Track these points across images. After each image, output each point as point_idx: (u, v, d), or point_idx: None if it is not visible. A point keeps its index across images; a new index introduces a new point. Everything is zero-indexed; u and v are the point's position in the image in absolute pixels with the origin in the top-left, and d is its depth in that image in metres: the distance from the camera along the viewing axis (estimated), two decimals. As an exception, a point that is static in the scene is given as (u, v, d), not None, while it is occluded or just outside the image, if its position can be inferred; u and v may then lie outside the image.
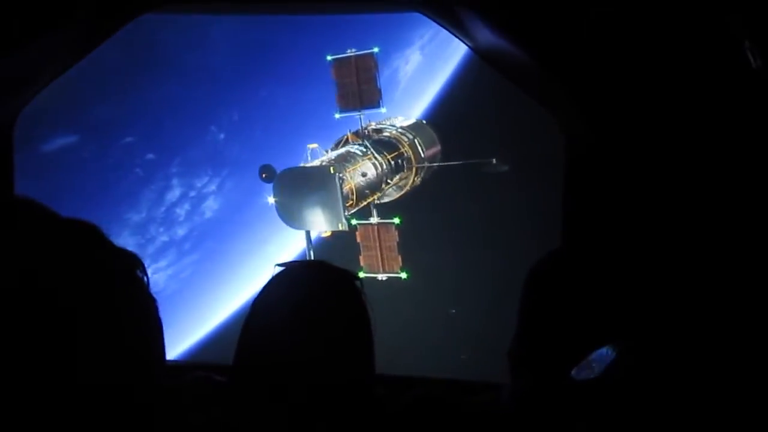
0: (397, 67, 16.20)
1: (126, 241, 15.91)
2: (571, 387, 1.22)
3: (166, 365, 0.75)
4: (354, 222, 12.35)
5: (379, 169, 11.31)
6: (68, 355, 0.60)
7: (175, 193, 17.16)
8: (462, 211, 13.20)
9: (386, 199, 12.53)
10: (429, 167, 12.95)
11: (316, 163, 10.20)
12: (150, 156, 16.07)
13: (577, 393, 1.22)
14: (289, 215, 10.33)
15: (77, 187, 14.78)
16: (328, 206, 10.03)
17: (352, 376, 1.20)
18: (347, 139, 11.65)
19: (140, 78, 14.93)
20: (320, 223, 10.32)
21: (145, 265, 0.74)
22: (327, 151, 11.29)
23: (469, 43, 2.03)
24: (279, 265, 1.26)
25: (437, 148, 12.95)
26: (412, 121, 13.07)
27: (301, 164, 10.50)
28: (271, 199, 10.22)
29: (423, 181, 13.27)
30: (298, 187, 10.05)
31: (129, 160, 15.81)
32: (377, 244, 12.14)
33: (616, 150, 1.81)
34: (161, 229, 17.06)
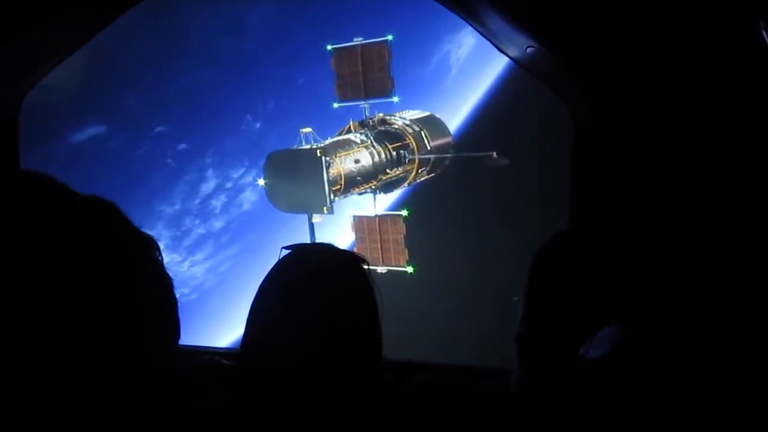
0: (448, 51, 15.64)
1: (160, 233, 15.98)
2: (580, 368, 1.18)
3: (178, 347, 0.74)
4: (351, 213, 12.30)
5: (376, 158, 11.20)
6: (87, 332, 0.60)
7: (210, 185, 16.86)
8: (471, 203, 12.89)
9: (392, 191, 12.41)
10: (439, 162, 12.76)
11: (317, 147, 10.20)
12: (182, 146, 15.74)
13: (588, 373, 1.18)
14: (277, 197, 10.37)
15: (106, 178, 14.49)
16: (313, 189, 10.00)
17: (359, 358, 1.18)
18: (350, 128, 11.60)
19: (170, 66, 14.86)
20: (306, 206, 10.30)
21: (161, 249, 0.74)
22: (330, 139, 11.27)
23: (475, 26, 2.01)
24: (286, 247, 1.25)
25: (446, 142, 12.72)
26: (424, 113, 12.90)
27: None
28: (261, 181, 10.27)
29: (436, 175, 13.08)
30: (286, 170, 10.08)
31: (160, 150, 15.53)
32: (377, 237, 12.01)
33: (626, 132, 1.78)
34: (197, 222, 16.75)
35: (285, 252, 1.26)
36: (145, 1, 2.32)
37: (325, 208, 10.04)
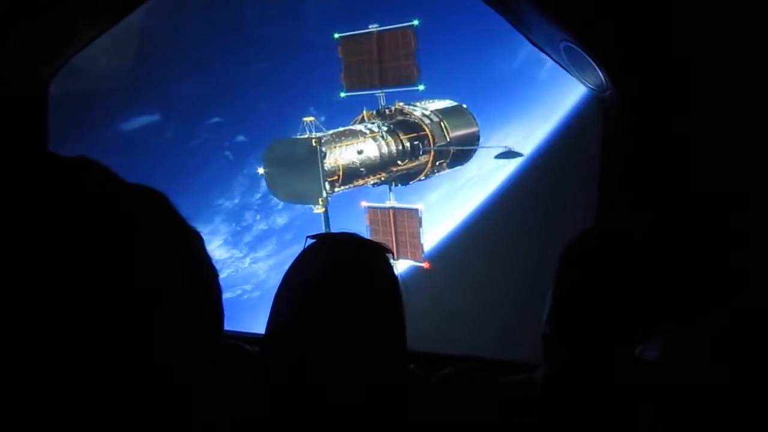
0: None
1: (218, 227, 16.22)
2: (636, 369, 1.22)
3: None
4: (365, 204, 12.20)
5: (385, 149, 11.01)
6: (122, 320, 0.58)
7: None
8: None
9: (409, 183, 12.20)
10: (462, 154, 12.39)
11: (314, 136, 10.18)
12: (241, 138, 15.60)
13: (646, 374, 1.22)
14: (276, 187, 10.46)
15: (159, 169, 14.43)
16: (309, 179, 10.00)
17: (383, 347, 1.18)
18: (363, 117, 11.48)
19: (226, 54, 14.88)
20: (302, 197, 10.31)
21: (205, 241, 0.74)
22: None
23: (510, 20, 2.01)
24: (310, 237, 1.27)
25: (470, 133, 12.31)
26: (449, 103, 12.55)
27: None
28: (261, 170, 10.39)
29: (459, 168, 12.72)
30: (284, 159, 10.14)
31: (217, 142, 15.40)
32: (392, 229, 11.87)
33: (656, 131, 1.76)
34: (258, 217, 16.65)
35: (310, 241, 1.27)
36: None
37: (320, 200, 9.97)
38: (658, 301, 1.28)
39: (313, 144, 9.91)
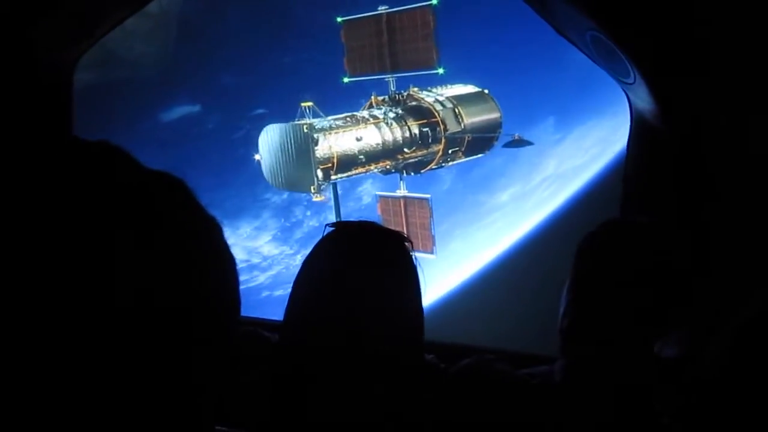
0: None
1: (266, 222, 16.27)
2: (655, 366, 1.24)
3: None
4: (377, 193, 11.86)
5: (389, 136, 10.62)
6: (131, 300, 0.59)
7: (320, 174, 16.96)
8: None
9: (420, 172, 11.76)
10: (483, 143, 11.79)
11: (306, 122, 9.95)
12: None
13: (665, 372, 1.25)
14: (271, 174, 10.31)
15: (201, 161, 14.31)
16: (302, 167, 9.79)
17: (401, 337, 1.18)
18: (371, 103, 11.13)
19: (269, 44, 14.88)
20: (295, 184, 10.11)
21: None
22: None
23: (534, 8, 2.00)
24: (329, 225, 1.26)
25: (490, 120, 11.68)
26: (470, 89, 11.96)
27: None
28: (257, 156, 10.28)
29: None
30: (278, 145, 9.97)
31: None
32: (402, 220, 11.51)
33: (684, 124, 1.75)
34: (308, 213, 16.45)
35: (329, 229, 1.26)
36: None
37: (312, 188, 9.72)
38: (677, 296, 1.26)
39: (305, 130, 9.64)
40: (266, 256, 16.56)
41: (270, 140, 10.08)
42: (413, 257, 1.25)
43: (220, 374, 0.69)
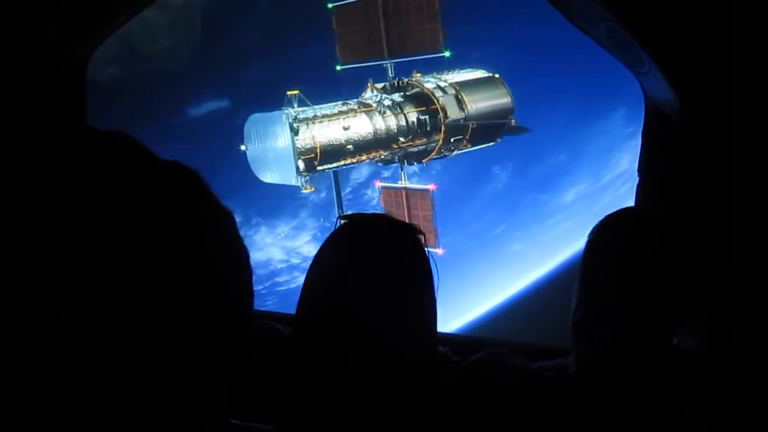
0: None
1: (304, 222, 16.12)
2: (674, 358, 1.23)
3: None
4: (379, 184, 11.40)
5: (381, 125, 10.12)
6: (146, 289, 0.60)
7: (361, 172, 15.73)
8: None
9: (422, 162, 11.20)
10: (490, 130, 11.10)
11: (287, 111, 9.62)
12: None
13: (684, 364, 1.24)
14: (256, 165, 10.05)
15: (231, 157, 13.59)
16: (283, 158, 9.48)
17: (413, 330, 1.19)
18: (369, 89, 10.67)
19: (300, 34, 14.58)
20: (277, 175, 9.79)
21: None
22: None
23: (554, 2, 2.00)
24: (341, 217, 1.27)
25: (498, 106, 10.96)
26: (479, 74, 11.28)
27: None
28: (243, 147, 10.06)
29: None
30: (262, 135, 9.70)
31: None
32: (405, 212, 11.01)
33: (700, 115, 1.76)
34: (349, 212, 16.31)
35: (341, 222, 1.28)
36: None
37: (293, 179, 9.38)
38: (693, 288, 1.25)
39: (283, 119, 9.27)
40: (306, 257, 16.37)
41: (254, 130, 9.77)
42: (426, 250, 1.23)
43: (233, 364, 0.69)
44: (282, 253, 16.78)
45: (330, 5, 10.44)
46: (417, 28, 10.48)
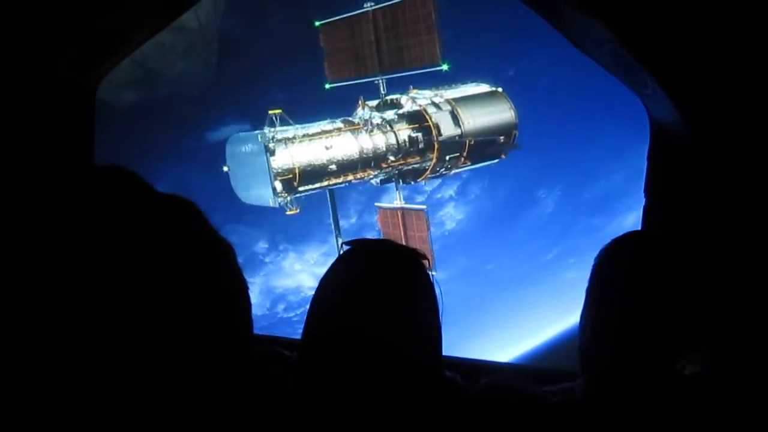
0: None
1: (335, 249, 15.76)
2: (677, 382, 1.24)
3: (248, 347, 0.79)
4: (377, 204, 10.94)
5: (368, 144, 9.68)
6: (149, 327, 0.62)
7: (393, 197, 16.01)
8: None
9: (418, 181, 10.69)
10: (492, 147, 10.49)
11: (264, 131, 9.31)
12: None
13: (679, 389, 1.24)
14: (237, 186, 9.78)
15: None
16: (261, 179, 9.17)
17: (419, 355, 1.19)
18: (360, 107, 10.26)
19: (320, 56, 14.80)
20: (255, 197, 9.47)
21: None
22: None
23: (551, 21, 2.02)
24: (346, 243, 1.27)
25: (498, 123, 10.34)
26: (481, 89, 10.70)
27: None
28: (225, 168, 9.82)
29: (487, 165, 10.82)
30: (241, 156, 9.43)
31: None
32: (401, 232, 10.52)
33: (705, 136, 1.76)
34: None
35: (346, 248, 1.28)
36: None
37: (270, 201, 9.04)
38: (699, 313, 1.25)
39: (259, 139, 8.96)
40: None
41: (234, 150, 9.50)
42: (430, 275, 1.25)
43: (233, 388, 0.71)
44: (312, 279, 16.52)
45: (317, 23, 10.11)
46: (414, 40, 10.00)
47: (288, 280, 18.76)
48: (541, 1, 1.97)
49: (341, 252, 1.26)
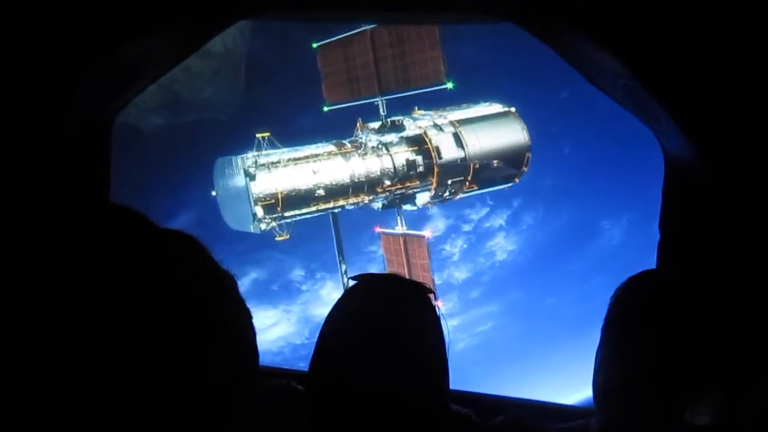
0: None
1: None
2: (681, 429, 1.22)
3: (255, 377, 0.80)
4: (378, 230, 10.28)
5: (361, 168, 9.08)
6: (159, 361, 0.64)
7: (437, 225, 15.25)
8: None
9: (417, 205, 9.99)
10: (505, 172, 9.69)
11: (249, 156, 8.89)
12: None
13: None
14: (224, 211, 9.38)
15: None
16: (243, 204, 8.73)
17: (425, 390, 1.19)
18: (358, 129, 9.71)
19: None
20: (238, 222, 9.02)
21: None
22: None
23: (564, 56, 2.01)
24: (353, 278, 1.29)
25: (508, 146, 9.53)
26: (492, 109, 9.93)
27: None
28: (213, 192, 9.46)
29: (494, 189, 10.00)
30: (226, 180, 9.03)
31: None
32: (403, 259, 9.87)
33: (720, 172, 1.73)
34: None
35: (352, 282, 1.30)
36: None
37: (251, 227, 8.56)
38: (712, 358, 1.22)
39: (239, 164, 8.51)
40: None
41: (221, 175, 9.08)
42: (436, 308, 1.26)
43: (240, 421, 0.73)
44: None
45: (314, 44, 9.61)
46: (418, 58, 9.34)
47: (326, 309, 18.24)
48: (556, 38, 1.94)
49: (347, 286, 1.27)
